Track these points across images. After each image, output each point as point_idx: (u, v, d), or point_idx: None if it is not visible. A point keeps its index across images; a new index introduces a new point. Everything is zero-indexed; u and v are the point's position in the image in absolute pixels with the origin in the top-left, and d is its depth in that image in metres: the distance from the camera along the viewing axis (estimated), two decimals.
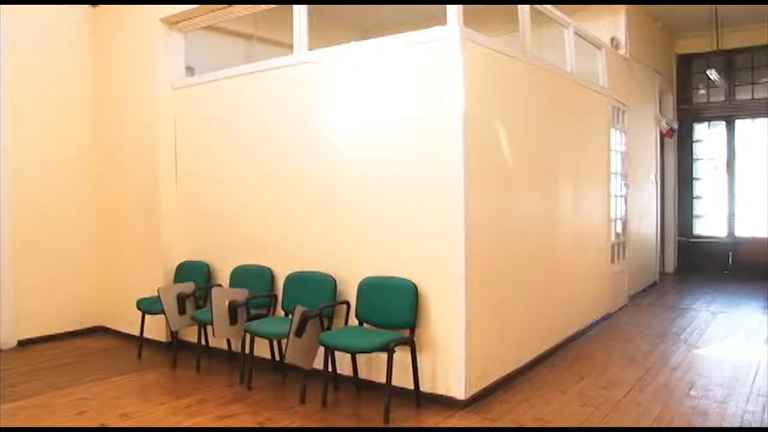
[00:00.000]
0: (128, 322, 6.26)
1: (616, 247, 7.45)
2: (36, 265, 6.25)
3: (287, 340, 4.33)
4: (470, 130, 4.20)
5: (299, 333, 4.30)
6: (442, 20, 4.25)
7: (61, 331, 6.46)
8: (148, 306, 5.61)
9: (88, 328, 6.67)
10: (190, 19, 5.90)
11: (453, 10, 4.20)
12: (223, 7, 5.59)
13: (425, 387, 4.36)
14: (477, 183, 4.28)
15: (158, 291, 5.33)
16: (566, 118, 5.91)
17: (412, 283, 4.34)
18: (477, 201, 4.29)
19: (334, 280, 4.76)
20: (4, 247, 6.04)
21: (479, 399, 4.35)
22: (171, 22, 5.99)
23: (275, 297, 5.20)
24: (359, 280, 4.61)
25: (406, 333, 4.31)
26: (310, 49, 5.10)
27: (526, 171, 5.10)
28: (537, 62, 5.27)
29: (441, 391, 4.33)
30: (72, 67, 6.56)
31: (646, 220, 8.80)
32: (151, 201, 6.09)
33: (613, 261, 7.28)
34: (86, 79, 6.65)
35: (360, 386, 4.66)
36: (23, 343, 6.13)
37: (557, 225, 5.71)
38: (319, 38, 5.24)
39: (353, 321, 4.63)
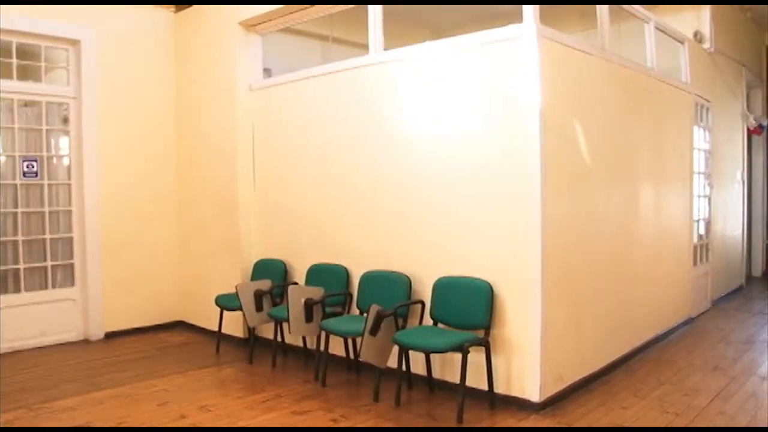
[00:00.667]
0: (207, 317, 6.45)
1: (698, 249, 7.19)
2: (121, 263, 6.51)
3: (362, 339, 4.36)
4: (547, 129, 4.13)
5: (374, 332, 4.33)
6: (516, 18, 4.20)
7: (144, 325, 6.71)
8: (226, 302, 5.75)
9: (169, 323, 6.91)
10: (267, 21, 6.02)
11: (529, 7, 4.14)
12: (300, 8, 5.66)
13: (499, 388, 4.31)
14: (553, 183, 4.21)
15: (236, 288, 5.46)
16: (646, 116, 5.74)
17: (488, 283, 4.30)
18: (553, 201, 4.21)
19: (409, 280, 4.77)
20: (93, 246, 6.32)
21: (554, 402, 4.27)
22: (249, 25, 6.12)
23: (350, 295, 5.24)
24: (434, 280, 4.60)
25: (481, 333, 4.28)
26: (385, 49, 5.12)
27: (604, 170, 4.98)
28: (616, 58, 5.13)
29: (515, 393, 4.27)
30: (156, 70, 6.80)
31: (731, 221, 8.46)
32: (230, 200, 6.24)
33: (695, 264, 7.03)
34: (169, 82, 6.89)
35: (433, 386, 4.65)
36: (110, 335, 6.40)
37: (636, 225, 5.55)
38: (393, 38, 5.26)
39: (428, 320, 4.63)
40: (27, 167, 6.05)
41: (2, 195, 5.95)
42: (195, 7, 6.63)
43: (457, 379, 4.17)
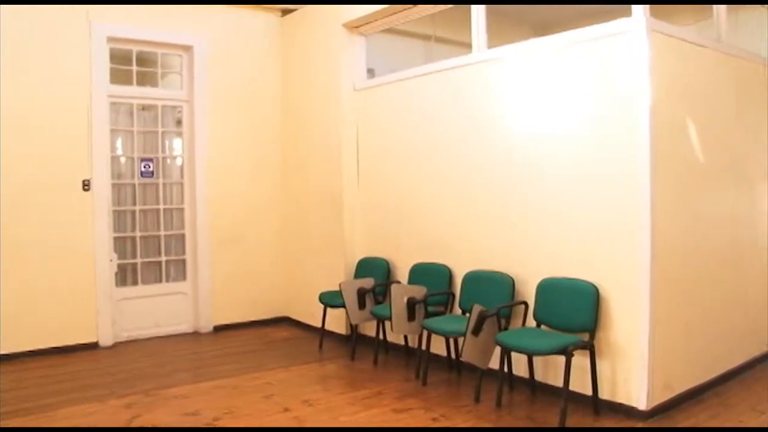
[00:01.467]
0: (311, 314, 6.59)
1: None
2: (229, 259, 6.75)
3: (464, 339, 4.34)
4: (657, 126, 3.97)
5: (476, 332, 4.29)
6: (621, 12, 4.07)
7: (250, 319, 6.93)
8: (329, 300, 5.86)
9: (274, 318, 7.10)
10: (370, 22, 6.09)
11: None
12: (402, 9, 5.69)
13: (604, 394, 4.18)
14: (663, 182, 4.04)
15: (339, 286, 5.55)
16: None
17: (593, 285, 4.17)
18: (663, 202, 4.04)
19: (513, 280, 4.70)
20: (204, 243, 6.60)
21: (662, 411, 4.09)
22: (353, 26, 6.21)
23: (453, 295, 5.22)
24: (537, 281, 4.51)
25: (585, 336, 4.16)
26: (488, 48, 5.08)
27: (718, 169, 4.73)
28: (732, 50, 4.87)
29: (621, 399, 4.13)
30: (263, 72, 7.01)
31: None
32: (335, 199, 6.35)
33: None
34: (276, 84, 7.09)
35: (535, 389, 4.57)
36: (218, 329, 6.66)
37: (752, 228, 5.23)
38: (496, 36, 5.20)
39: (531, 322, 4.55)
40: (144, 167, 6.39)
41: (122, 194, 6.31)
42: (300, 10, 6.80)
43: (559, 383, 4.09)
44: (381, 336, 5.65)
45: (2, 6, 5.43)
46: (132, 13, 6.10)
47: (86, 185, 5.87)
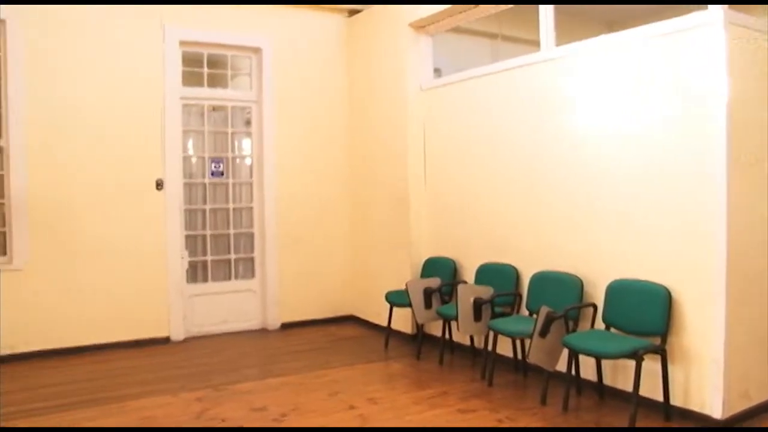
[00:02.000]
0: (377, 313, 6.62)
1: None
2: (297, 258, 6.85)
3: (530, 340, 4.28)
4: (734, 125, 3.81)
5: (543, 333, 4.23)
6: (695, 9, 3.93)
7: (316, 317, 7.00)
8: (395, 299, 5.87)
9: (341, 317, 7.15)
10: (436, 22, 6.07)
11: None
12: (467, 8, 5.65)
13: (676, 400, 4.04)
14: (739, 182, 3.87)
15: (406, 285, 5.54)
16: None
17: (665, 288, 4.05)
18: (739, 202, 3.87)
19: (581, 282, 4.61)
20: (272, 241, 6.70)
21: (740, 420, 3.92)
22: (419, 26, 6.20)
23: (519, 296, 5.16)
24: (607, 282, 4.41)
25: (657, 340, 4.04)
26: (556, 45, 4.99)
27: None
28: None
29: (694, 407, 3.98)
30: (330, 72, 7.07)
31: None
32: (401, 199, 6.35)
33: None
34: (342, 84, 7.15)
35: (603, 393, 4.46)
36: (285, 326, 6.76)
37: None
38: (564, 33, 5.10)
39: (599, 324, 4.44)
40: (214, 167, 6.54)
41: (193, 193, 6.48)
42: (366, 10, 6.84)
43: (628, 387, 3.99)
44: (447, 336, 5.63)
45: (83, 11, 5.67)
46: (203, 16, 6.26)
47: (159, 185, 6.05)
